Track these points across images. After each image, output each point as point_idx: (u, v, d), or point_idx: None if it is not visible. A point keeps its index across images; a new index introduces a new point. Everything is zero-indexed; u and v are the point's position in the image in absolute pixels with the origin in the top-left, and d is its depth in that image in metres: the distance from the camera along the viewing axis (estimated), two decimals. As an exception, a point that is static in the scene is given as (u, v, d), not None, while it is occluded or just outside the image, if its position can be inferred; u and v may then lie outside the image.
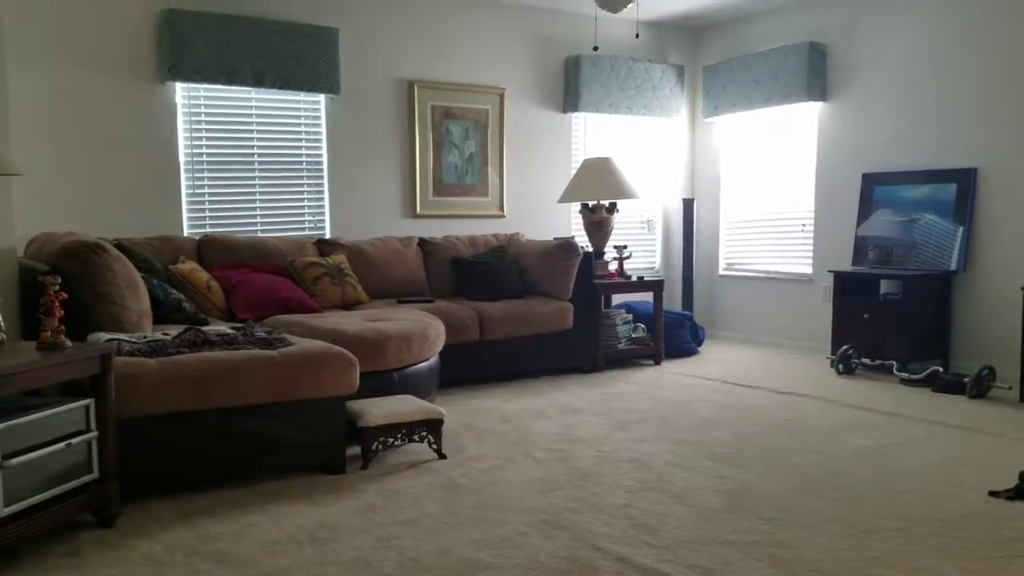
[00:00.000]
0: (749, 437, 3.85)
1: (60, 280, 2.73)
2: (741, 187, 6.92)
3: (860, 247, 5.78)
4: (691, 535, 2.64)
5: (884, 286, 5.46)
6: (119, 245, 4.24)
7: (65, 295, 2.75)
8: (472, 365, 5.04)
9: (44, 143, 4.65)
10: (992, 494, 3.00)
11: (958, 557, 2.45)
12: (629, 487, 3.13)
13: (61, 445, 2.55)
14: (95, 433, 2.69)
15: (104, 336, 3.22)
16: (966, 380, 4.69)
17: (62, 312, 2.70)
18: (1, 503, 2.35)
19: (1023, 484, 2.98)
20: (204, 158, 5.18)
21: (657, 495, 3.04)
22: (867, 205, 5.79)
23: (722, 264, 7.12)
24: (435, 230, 6.00)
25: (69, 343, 2.68)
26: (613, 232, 6.07)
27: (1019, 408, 4.38)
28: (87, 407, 2.67)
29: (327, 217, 5.64)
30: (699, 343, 6.39)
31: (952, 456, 3.50)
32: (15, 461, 2.39)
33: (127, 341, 3.15)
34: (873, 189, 5.78)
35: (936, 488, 3.09)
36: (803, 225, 6.40)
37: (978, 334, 5.22)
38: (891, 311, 5.22)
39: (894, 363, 5.16)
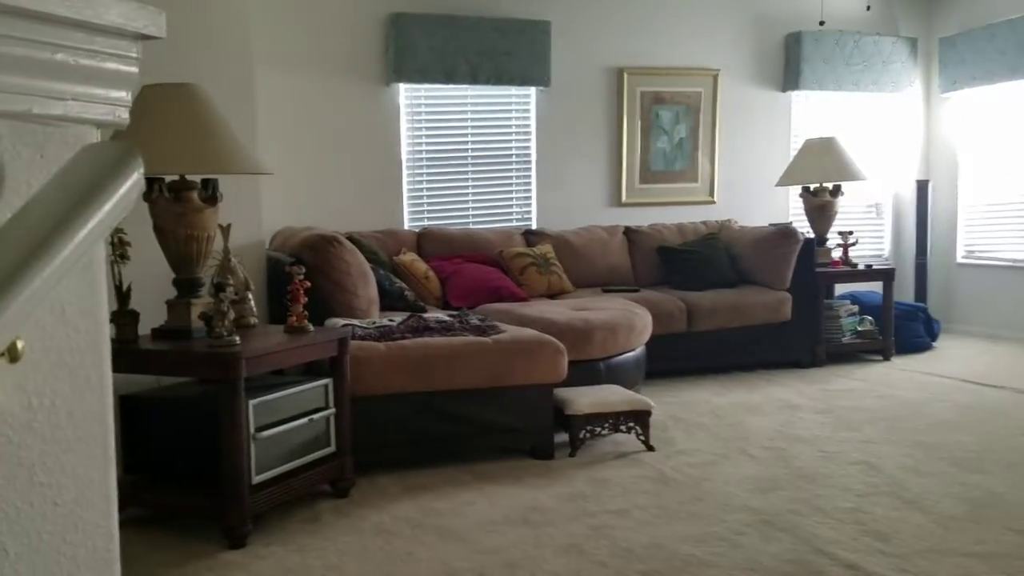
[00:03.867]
0: (994, 441, 3.48)
1: (305, 270, 2.97)
2: (984, 167, 6.25)
3: None
4: (929, 544, 2.43)
5: None
6: (350, 238, 4.54)
7: (310, 283, 2.99)
8: (680, 356, 4.91)
9: (283, 143, 5.07)
10: None
11: None
12: (858, 491, 2.93)
13: (304, 420, 2.79)
14: (333, 410, 2.91)
15: (339, 321, 3.48)
16: None
17: (306, 299, 2.95)
18: (253, 471, 2.60)
19: None
20: (423, 155, 5.45)
21: (890, 500, 2.82)
22: None
23: (961, 251, 6.47)
24: (641, 218, 5.91)
25: (312, 327, 2.92)
26: (837, 217, 5.70)
27: None
28: (326, 386, 2.90)
29: (534, 208, 5.75)
30: (934, 338, 5.86)
31: None
32: (266, 433, 2.64)
33: (359, 326, 3.38)
34: None
35: None
36: (1061, 207, 5.67)
37: None
38: None
39: None
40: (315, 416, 2.83)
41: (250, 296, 3.01)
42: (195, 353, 2.64)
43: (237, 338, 2.59)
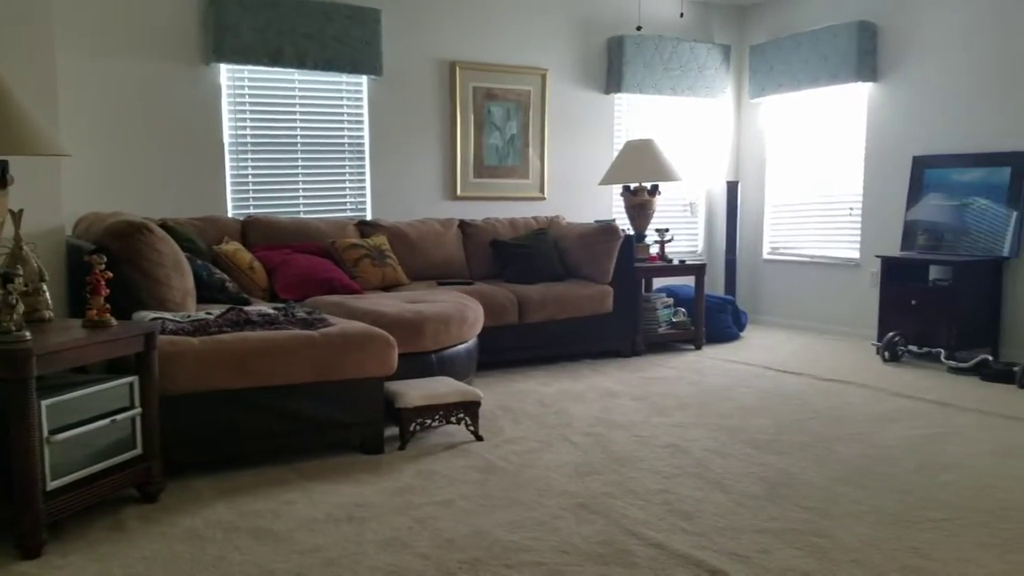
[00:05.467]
0: (790, 424, 3.79)
1: (106, 259, 2.78)
2: (787, 170, 6.79)
3: (909, 232, 5.63)
4: (729, 522, 2.61)
5: (933, 272, 5.33)
6: (164, 225, 4.31)
7: (111, 274, 2.80)
8: (511, 348, 5.04)
9: (91, 125, 4.74)
10: (1043, 487, 2.92)
11: (1002, 549, 2.39)
12: (667, 473, 3.11)
13: (106, 421, 2.61)
14: (139, 410, 2.74)
15: (149, 315, 3.28)
16: (1016, 369, 4.55)
17: (108, 291, 2.75)
18: (48, 477, 2.41)
19: (1076, 477, 2.89)
20: (248, 139, 5.23)
21: (695, 481, 3.01)
22: (917, 189, 5.64)
23: (766, 248, 7.00)
24: (476, 212, 6.00)
25: (114, 321, 2.73)
26: (655, 215, 6.00)
27: (1074, 399, 4.25)
28: (131, 384, 2.73)
29: (368, 199, 5.67)
30: (741, 328, 6.30)
31: (1000, 447, 3.41)
32: (61, 436, 2.45)
33: (171, 320, 3.20)
34: (923, 172, 5.62)
35: (983, 479, 3.01)
36: (851, 209, 6.26)
37: (1032, 322, 5.06)
38: (940, 297, 5.09)
39: (942, 351, 5.04)
40: (118, 417, 2.65)
41: (44, 287, 2.77)
42: (-21, 350, 2.40)
43: (27, 333, 2.38)
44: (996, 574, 2.24)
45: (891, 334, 5.26)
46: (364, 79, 5.54)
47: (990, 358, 4.83)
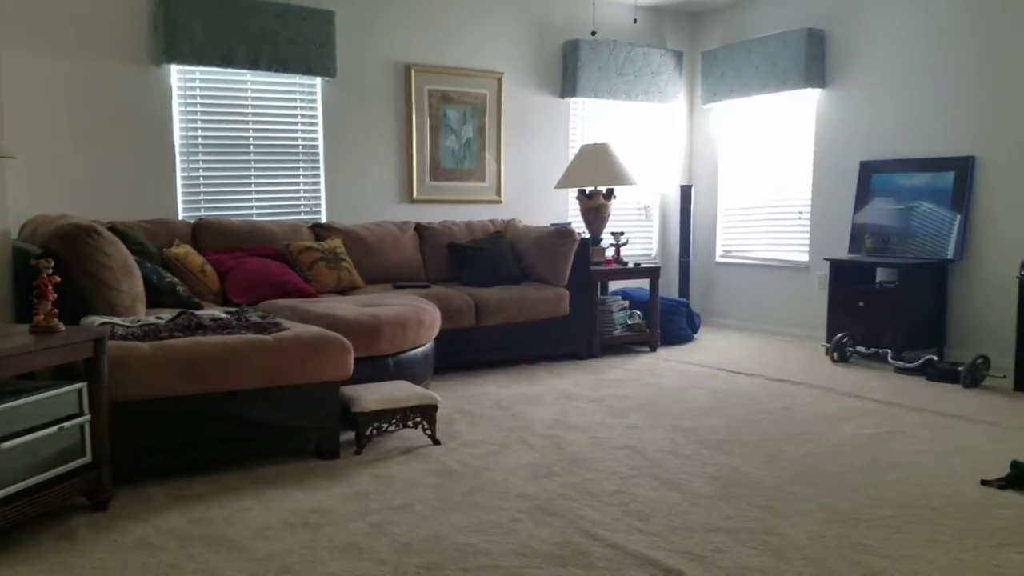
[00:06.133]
0: (743, 425, 3.86)
1: (53, 263, 2.71)
2: (739, 174, 6.91)
3: (857, 235, 5.77)
4: (683, 522, 2.65)
5: (880, 274, 5.46)
6: (113, 228, 4.23)
7: (58, 278, 2.74)
8: (468, 351, 5.04)
9: (38, 126, 4.62)
10: (984, 483, 3.01)
11: (949, 545, 2.46)
12: (623, 474, 3.14)
13: (54, 429, 2.55)
14: (88, 417, 2.69)
15: (97, 320, 3.21)
16: (961, 369, 4.70)
17: (55, 295, 2.69)
18: (-7, 486, 2.35)
19: (1015, 473, 2.99)
20: (199, 141, 5.15)
21: (650, 482, 3.04)
22: (864, 193, 5.78)
23: (719, 251, 7.11)
24: (432, 215, 5.98)
25: (62, 326, 2.67)
26: (610, 218, 6.06)
27: (1013, 397, 4.39)
28: (80, 391, 2.67)
29: (323, 201, 5.62)
30: (695, 330, 6.39)
31: (945, 445, 3.51)
32: (8, 444, 2.39)
33: (120, 325, 3.14)
34: (870, 177, 5.76)
35: (929, 477, 3.10)
36: (800, 213, 6.39)
37: (973, 323, 5.22)
38: (887, 299, 5.22)
39: (889, 351, 5.17)
40: (67, 424, 2.59)
41: (-11, 293, 2.70)
42: (-81, 357, 2.33)
43: (-29, 340, 2.32)
44: (943, 569, 2.31)
45: (839, 335, 5.38)
46: (318, 81, 5.50)
47: (935, 358, 4.97)
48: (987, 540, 2.50)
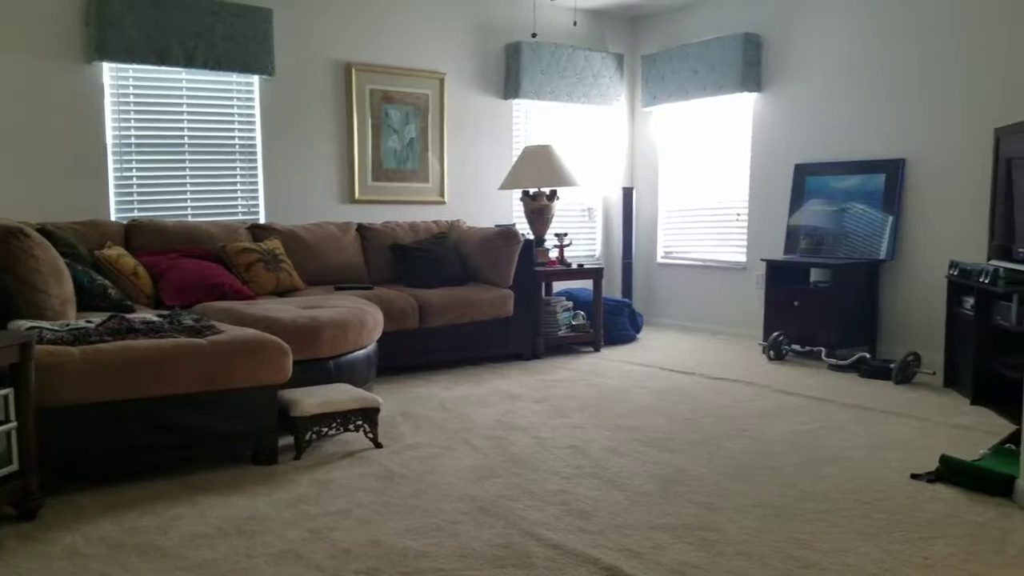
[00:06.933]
0: (683, 423, 3.91)
1: (-27, 266, 2.61)
2: (679, 176, 7.00)
3: (792, 236, 5.91)
4: (624, 520, 2.67)
5: (814, 274, 5.60)
6: (42, 230, 4.09)
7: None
8: (412, 352, 5.00)
9: (-40, 122, 4.45)
10: (914, 477, 3.10)
11: (880, 538, 2.53)
12: (565, 473, 3.15)
13: (-25, 438, 2.45)
14: (14, 424, 2.59)
15: (25, 324, 3.10)
16: (892, 366, 4.83)
17: (-24, 299, 2.59)
18: (-91, 499, 2.25)
19: (944, 467, 3.09)
20: (133, 140, 5.02)
21: (592, 481, 3.06)
22: (799, 195, 5.92)
23: (660, 252, 7.20)
24: (375, 216, 5.93)
25: (-17, 331, 2.57)
26: (554, 220, 6.08)
27: (943, 393, 4.54)
28: (6, 397, 2.57)
29: (261, 202, 5.52)
30: (638, 330, 6.46)
31: (877, 440, 3.61)
32: (-76, 455, 2.29)
33: (49, 329, 3.03)
34: (805, 179, 5.90)
35: (861, 471, 3.18)
36: (738, 214, 6.51)
37: (904, 321, 5.39)
38: (820, 299, 5.35)
39: (823, 349, 5.30)
40: (-10, 432, 2.50)
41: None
42: None
43: None
44: (875, 562, 2.37)
45: (776, 334, 5.50)
46: (255, 79, 5.40)
47: (867, 355, 5.10)
48: (917, 533, 2.57)
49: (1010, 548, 2.45)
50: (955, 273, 4.52)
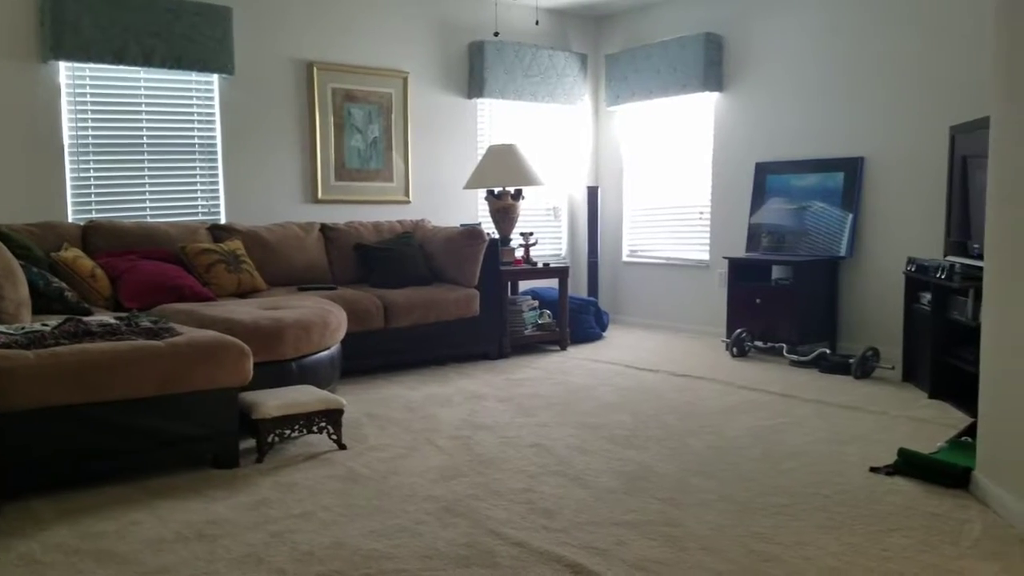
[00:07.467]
0: (647, 419, 3.93)
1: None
2: (643, 176, 7.05)
3: (753, 234, 5.97)
4: (588, 517, 2.68)
5: (776, 272, 5.67)
6: (-6, 231, 4.00)
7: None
8: (377, 353, 4.97)
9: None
10: (873, 470, 3.15)
11: (840, 531, 2.57)
12: (530, 472, 3.15)
13: (-77, 445, 2.39)
14: (-37, 431, 2.53)
15: (-25, 328, 3.03)
16: (851, 361, 4.91)
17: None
18: None
19: (902, 460, 3.14)
20: (90, 141, 4.93)
21: (557, 479, 3.07)
22: (760, 193, 5.99)
23: (625, 251, 7.24)
24: (338, 216, 5.89)
25: (-68, 336, 2.51)
26: (519, 219, 6.09)
27: (901, 388, 4.62)
28: (-46, 404, 2.51)
29: (222, 202, 5.45)
30: (603, 328, 6.49)
31: (837, 434, 3.67)
32: None
33: (3, 332, 2.97)
34: (766, 178, 5.97)
35: (821, 465, 3.22)
36: (701, 213, 6.57)
37: (864, 317, 5.48)
38: (782, 296, 5.42)
39: (784, 346, 5.36)
40: (-61, 439, 2.43)
41: None
42: None
43: None
44: (834, 554, 2.40)
45: (738, 331, 5.56)
46: (215, 78, 5.33)
47: (828, 351, 5.18)
48: (875, 525, 2.62)
49: (965, 539, 2.50)
50: (912, 269, 4.60)
